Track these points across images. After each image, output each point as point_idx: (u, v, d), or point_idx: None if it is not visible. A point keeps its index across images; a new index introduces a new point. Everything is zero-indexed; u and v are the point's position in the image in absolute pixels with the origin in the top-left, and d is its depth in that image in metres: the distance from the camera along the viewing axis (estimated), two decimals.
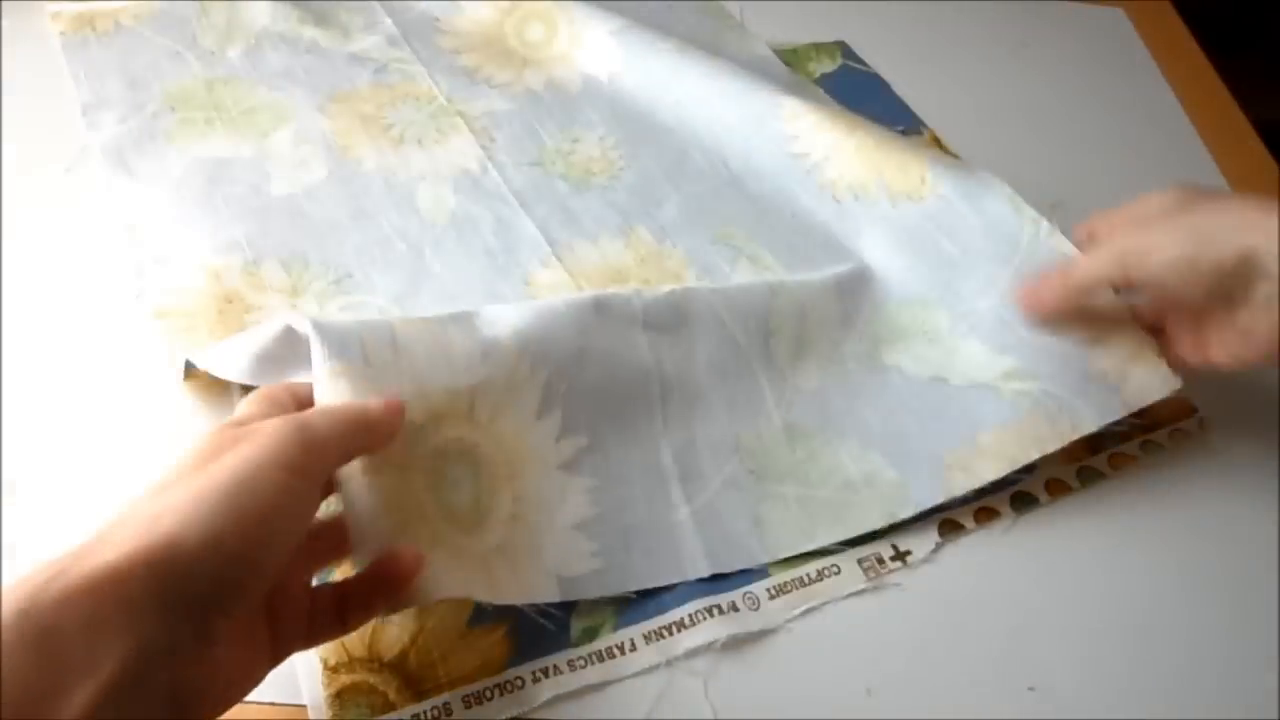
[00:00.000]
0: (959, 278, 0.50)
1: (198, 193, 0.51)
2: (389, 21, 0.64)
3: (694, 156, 0.58)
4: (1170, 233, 0.40)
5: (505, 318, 0.40)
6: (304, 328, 0.36)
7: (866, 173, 0.54)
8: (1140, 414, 0.47)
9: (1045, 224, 0.49)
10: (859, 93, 0.65)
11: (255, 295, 0.46)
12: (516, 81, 0.61)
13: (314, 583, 0.36)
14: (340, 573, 0.38)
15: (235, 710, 0.34)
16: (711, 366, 0.44)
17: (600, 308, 0.43)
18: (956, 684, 0.39)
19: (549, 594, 0.38)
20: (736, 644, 0.39)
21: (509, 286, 0.49)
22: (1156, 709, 0.39)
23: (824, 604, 0.40)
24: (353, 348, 0.36)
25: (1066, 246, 0.48)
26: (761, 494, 0.42)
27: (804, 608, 0.40)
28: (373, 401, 0.33)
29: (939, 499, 0.43)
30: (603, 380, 0.42)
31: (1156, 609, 0.42)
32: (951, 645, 0.40)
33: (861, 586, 0.41)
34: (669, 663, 0.38)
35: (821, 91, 0.64)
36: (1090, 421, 0.44)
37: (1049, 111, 0.67)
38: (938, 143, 0.62)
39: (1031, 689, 0.39)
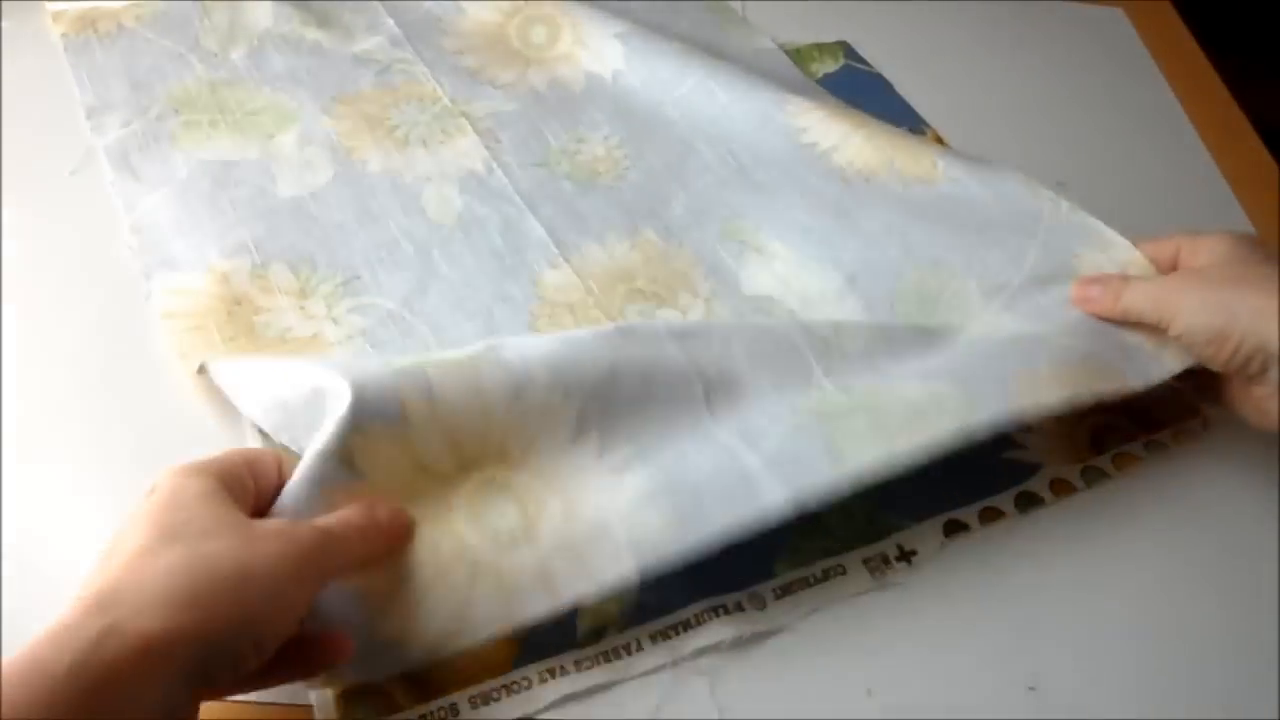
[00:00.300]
0: (984, 246, 0.49)
1: (203, 195, 0.51)
2: (391, 22, 0.63)
3: (700, 150, 0.57)
4: (1205, 299, 0.42)
5: (536, 350, 0.39)
6: (339, 387, 0.36)
7: (877, 159, 0.54)
8: (1144, 414, 0.48)
9: (1064, 202, 0.49)
10: (862, 93, 0.65)
11: (263, 298, 0.46)
12: (520, 82, 0.61)
13: None
14: None
15: (241, 710, 0.35)
16: (752, 356, 0.42)
17: (625, 331, 0.42)
18: (957, 684, 0.39)
19: (625, 567, 0.36)
20: (742, 644, 0.39)
21: (517, 288, 0.49)
22: (1156, 709, 0.39)
23: (830, 604, 0.41)
24: (392, 406, 0.36)
25: (1091, 221, 0.48)
26: (831, 429, 0.40)
27: (810, 608, 0.40)
28: (382, 511, 0.35)
29: (1009, 414, 0.40)
30: (639, 394, 0.40)
31: (1158, 609, 0.42)
32: (953, 645, 0.40)
33: (867, 587, 0.41)
34: (675, 663, 0.38)
35: (826, 91, 0.64)
36: (1137, 379, 0.43)
37: (1048, 111, 0.67)
38: (940, 142, 0.62)
39: (1032, 689, 0.39)
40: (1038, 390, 0.41)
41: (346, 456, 0.35)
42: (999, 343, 0.45)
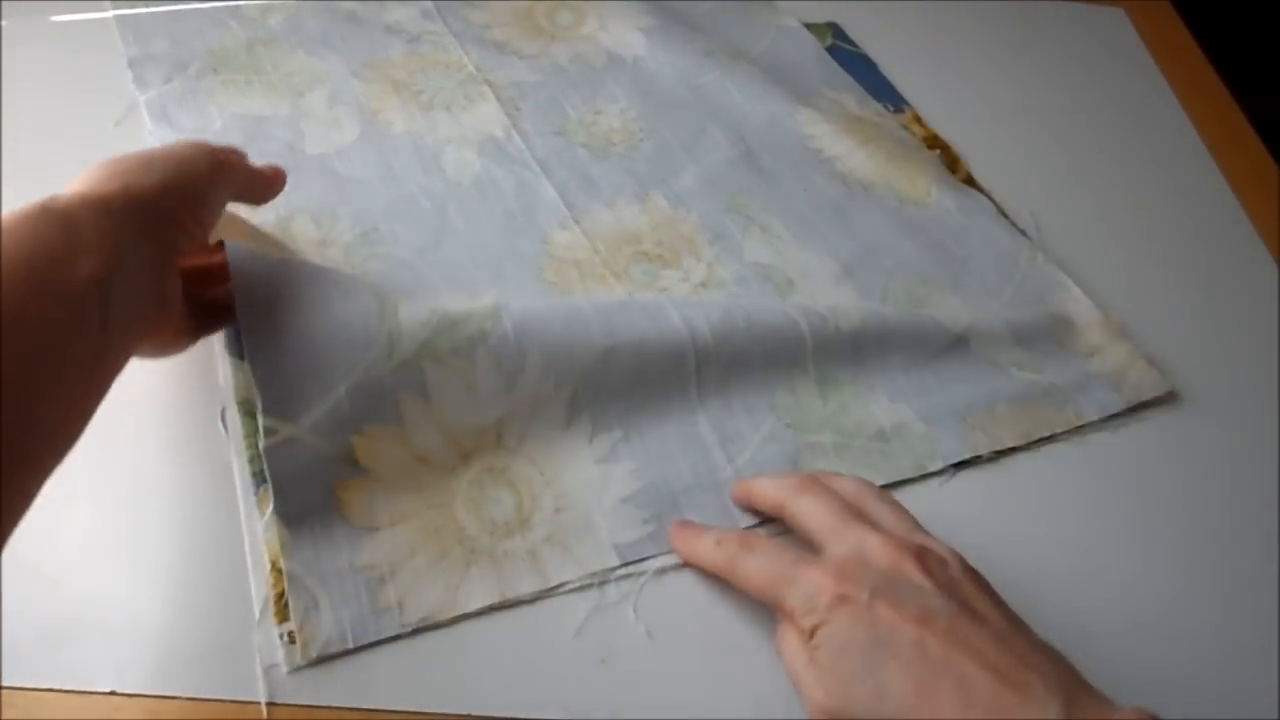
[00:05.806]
0: (967, 274, 0.53)
1: (235, 147, 0.53)
2: None
3: (712, 131, 0.60)
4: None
5: (534, 327, 0.42)
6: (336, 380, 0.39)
7: (876, 175, 0.58)
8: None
9: (1041, 254, 0.54)
10: (847, 70, 0.66)
11: (286, 246, 0.49)
12: (543, 55, 0.63)
13: None
14: None
15: (237, 710, 0.35)
16: (752, 325, 0.46)
17: (625, 305, 0.45)
18: None
19: (607, 560, 0.40)
20: (665, 572, 0.40)
21: (527, 244, 0.51)
22: (1156, 709, 0.38)
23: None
24: (389, 409, 0.40)
25: (1059, 275, 0.53)
26: (800, 444, 0.44)
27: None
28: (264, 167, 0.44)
29: (964, 455, 0.45)
30: (632, 373, 0.44)
31: (1156, 609, 0.42)
32: None
33: None
34: (600, 584, 0.40)
35: (850, 82, 0.65)
36: (1092, 413, 0.48)
37: (1048, 111, 0.67)
38: (918, 121, 0.63)
39: None
40: (994, 430, 0.46)
41: (348, 455, 0.39)
42: (969, 362, 0.49)
